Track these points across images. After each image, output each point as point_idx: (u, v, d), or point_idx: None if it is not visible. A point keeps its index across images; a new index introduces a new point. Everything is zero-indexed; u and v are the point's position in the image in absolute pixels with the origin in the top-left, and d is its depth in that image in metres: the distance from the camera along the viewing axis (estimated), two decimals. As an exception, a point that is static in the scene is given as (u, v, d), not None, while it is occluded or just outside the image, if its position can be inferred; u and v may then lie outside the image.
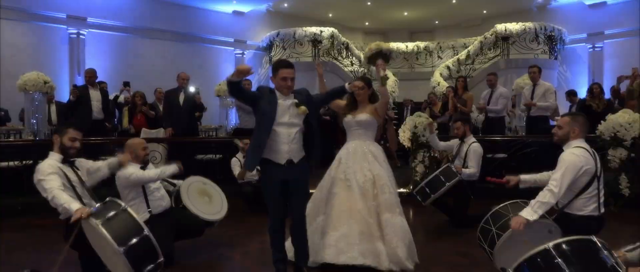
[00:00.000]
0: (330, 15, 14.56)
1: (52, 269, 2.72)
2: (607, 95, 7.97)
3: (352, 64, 13.10)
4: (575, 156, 2.88)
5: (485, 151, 5.14)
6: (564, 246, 1.83)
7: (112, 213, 2.65)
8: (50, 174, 2.92)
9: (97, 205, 2.77)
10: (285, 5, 13.57)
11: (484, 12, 14.17)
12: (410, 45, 14.38)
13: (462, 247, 4.13)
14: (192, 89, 7.14)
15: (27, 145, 6.28)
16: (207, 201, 4.03)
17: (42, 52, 10.14)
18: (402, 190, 5.88)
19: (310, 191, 3.50)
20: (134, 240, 2.57)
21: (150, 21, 11.70)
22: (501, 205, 3.05)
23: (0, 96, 8.68)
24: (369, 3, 13.34)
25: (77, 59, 10.55)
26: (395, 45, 13.17)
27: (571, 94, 8.89)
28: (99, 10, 10.88)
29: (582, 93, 10.87)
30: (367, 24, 15.64)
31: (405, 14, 14.40)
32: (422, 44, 14.46)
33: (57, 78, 9.57)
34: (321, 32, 12.25)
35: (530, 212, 2.76)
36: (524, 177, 3.22)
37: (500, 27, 11.83)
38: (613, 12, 12.04)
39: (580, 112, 3.83)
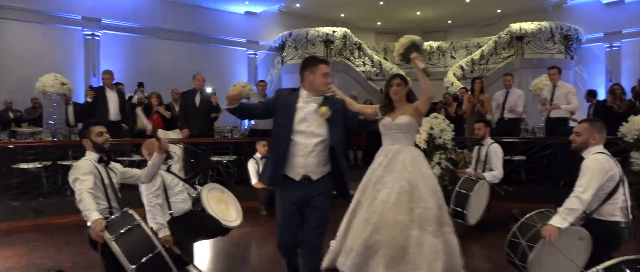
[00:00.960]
0: (343, 15, 14.51)
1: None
2: (628, 96, 7.80)
3: (364, 64, 13.05)
4: (599, 161, 2.83)
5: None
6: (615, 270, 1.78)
7: (126, 228, 2.69)
8: (85, 174, 2.95)
9: (114, 216, 2.83)
10: (297, 5, 13.56)
11: (498, 11, 14.01)
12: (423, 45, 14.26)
13: (485, 251, 4.08)
14: (209, 90, 7.15)
15: (45, 146, 6.34)
16: (224, 208, 4.06)
17: (58, 54, 10.22)
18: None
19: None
20: (146, 257, 2.62)
21: (163, 22, 11.76)
22: (527, 216, 2.96)
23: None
24: (381, 3, 13.26)
25: (93, 60, 10.65)
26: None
27: (591, 94, 8.72)
28: (113, 11, 10.97)
29: (600, 94, 10.69)
30: (379, 23, 15.56)
31: (418, 13, 14.29)
32: (435, 44, 14.35)
33: (73, 79, 9.63)
34: (333, 32, 12.22)
35: (560, 220, 2.70)
36: None
37: (515, 26, 11.67)
38: (631, 10, 11.76)
39: (598, 118, 3.72)
